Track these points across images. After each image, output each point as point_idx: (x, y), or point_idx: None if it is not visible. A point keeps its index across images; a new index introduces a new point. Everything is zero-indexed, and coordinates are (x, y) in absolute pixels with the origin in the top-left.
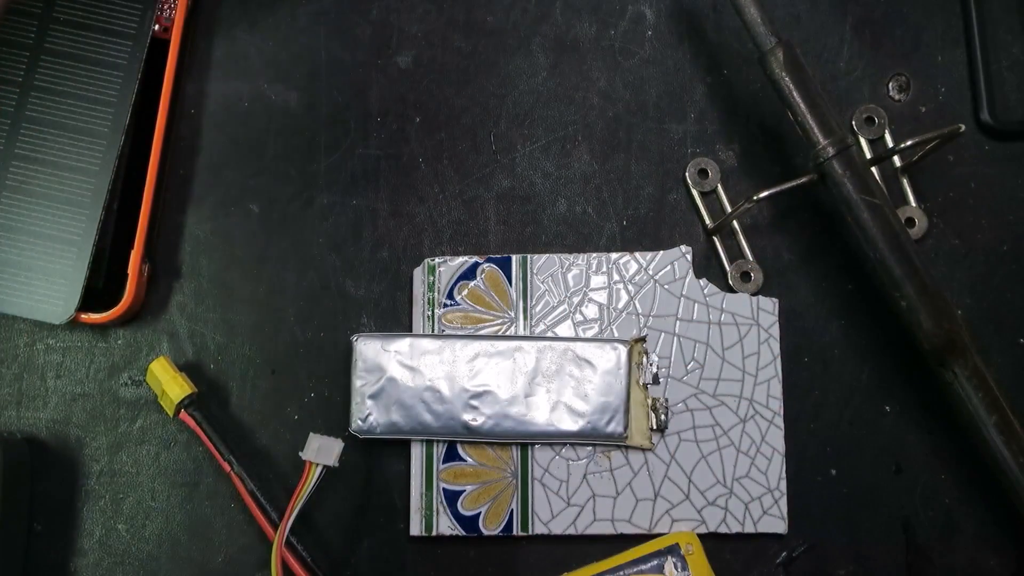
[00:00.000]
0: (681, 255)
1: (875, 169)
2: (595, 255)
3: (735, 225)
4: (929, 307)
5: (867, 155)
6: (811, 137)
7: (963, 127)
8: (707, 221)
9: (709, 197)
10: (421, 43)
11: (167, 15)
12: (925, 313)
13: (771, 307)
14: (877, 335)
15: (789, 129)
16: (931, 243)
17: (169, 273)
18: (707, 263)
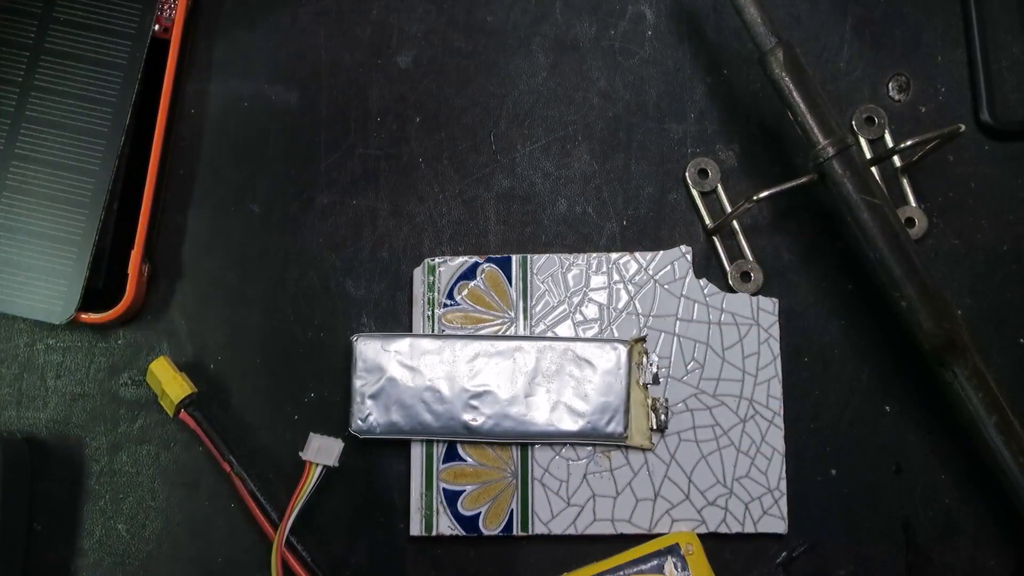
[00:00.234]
0: (681, 255)
1: (875, 169)
2: (595, 255)
3: (735, 225)
4: (929, 307)
5: (867, 155)
6: (811, 137)
7: (963, 127)
8: (707, 221)
9: (709, 197)
10: (421, 43)
11: (167, 15)
12: (925, 313)
13: (771, 307)
14: (877, 335)
15: (789, 129)
16: (931, 243)
17: (169, 273)
18: (707, 263)
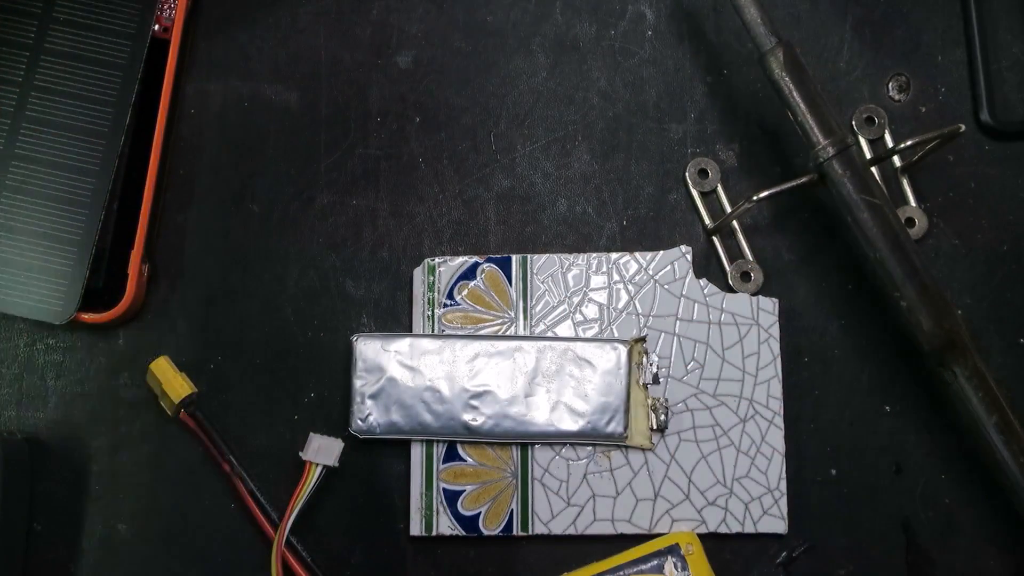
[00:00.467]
0: (681, 255)
1: (875, 169)
2: (595, 255)
3: (735, 225)
4: (929, 307)
5: (867, 155)
6: (811, 137)
7: (963, 127)
8: (707, 221)
9: (709, 197)
10: (421, 43)
11: (167, 15)
12: (925, 313)
13: (771, 307)
14: (877, 335)
15: (789, 129)
16: (931, 243)
17: (169, 273)
18: (707, 263)
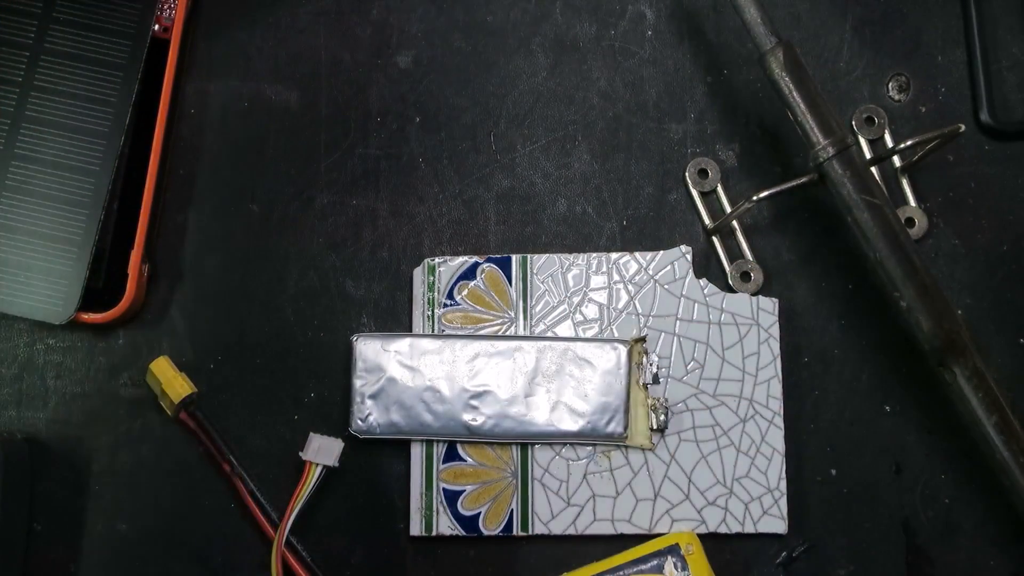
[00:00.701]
0: (681, 255)
1: (875, 169)
2: (595, 255)
3: (735, 225)
4: (929, 307)
5: (867, 155)
6: (811, 137)
7: (963, 127)
8: (707, 221)
9: (709, 197)
10: (421, 43)
11: (167, 15)
12: (925, 313)
13: (771, 307)
14: (877, 335)
15: (789, 129)
16: (931, 243)
17: (169, 273)
18: (707, 263)
